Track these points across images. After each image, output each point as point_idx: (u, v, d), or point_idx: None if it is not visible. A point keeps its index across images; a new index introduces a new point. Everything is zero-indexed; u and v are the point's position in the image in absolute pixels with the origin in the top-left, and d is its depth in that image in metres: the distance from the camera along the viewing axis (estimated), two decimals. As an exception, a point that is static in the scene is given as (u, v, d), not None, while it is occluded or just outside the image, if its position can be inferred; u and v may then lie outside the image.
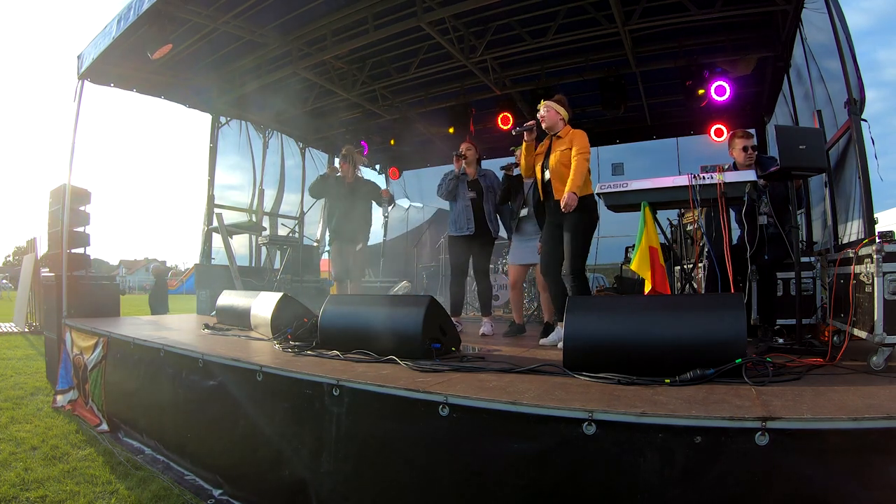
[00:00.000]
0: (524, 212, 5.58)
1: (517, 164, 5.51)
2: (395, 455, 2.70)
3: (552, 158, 4.57)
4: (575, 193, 4.30)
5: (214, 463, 3.73)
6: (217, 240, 9.30)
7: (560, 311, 4.59)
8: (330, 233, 6.83)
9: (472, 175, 5.93)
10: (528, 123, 4.83)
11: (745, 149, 4.89)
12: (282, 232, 10.79)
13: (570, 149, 4.45)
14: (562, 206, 4.32)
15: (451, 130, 9.61)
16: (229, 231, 8.85)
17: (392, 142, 10.72)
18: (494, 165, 6.34)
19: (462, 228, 5.87)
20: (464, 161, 5.89)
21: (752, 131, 8.08)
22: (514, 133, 5.04)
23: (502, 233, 6.23)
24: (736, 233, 5.08)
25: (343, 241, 6.66)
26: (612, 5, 6.63)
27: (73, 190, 7.50)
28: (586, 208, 4.44)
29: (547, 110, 4.64)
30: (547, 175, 4.64)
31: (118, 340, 5.08)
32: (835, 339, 3.67)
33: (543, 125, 4.69)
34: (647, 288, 3.95)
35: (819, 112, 5.19)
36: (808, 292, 4.33)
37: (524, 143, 4.86)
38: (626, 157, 10.51)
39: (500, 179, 5.97)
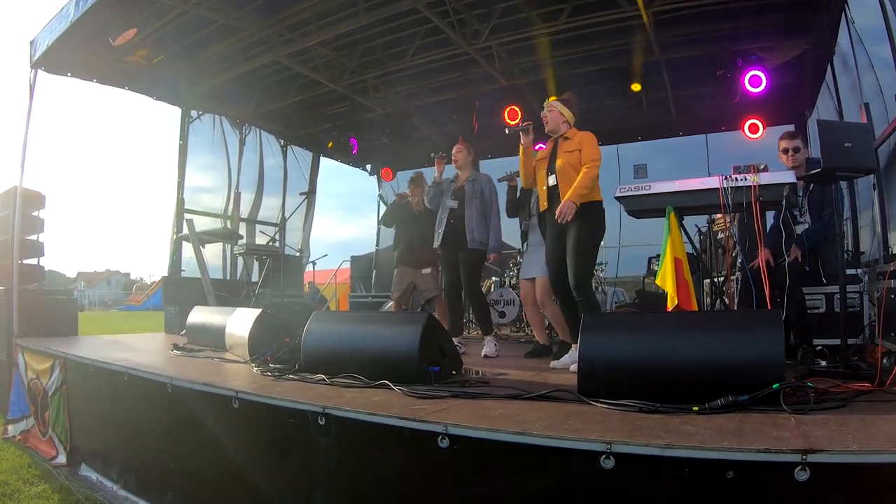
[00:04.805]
0: (530, 222, 5.63)
1: (517, 173, 5.57)
2: (389, 492, 2.71)
3: (559, 161, 4.60)
4: (574, 203, 4.33)
5: (184, 501, 3.73)
6: (187, 249, 9.30)
7: (573, 330, 4.60)
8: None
9: (462, 180, 5.99)
10: (525, 123, 4.87)
11: (785, 150, 4.89)
12: (260, 240, 10.82)
13: (580, 150, 4.49)
14: (556, 214, 4.38)
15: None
16: (201, 239, 8.85)
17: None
18: (500, 165, 6.38)
19: (436, 239, 5.99)
20: (446, 164, 5.95)
21: (792, 127, 8.10)
22: (507, 133, 5.09)
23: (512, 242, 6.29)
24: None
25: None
26: (633, -15, 6.69)
27: (25, 193, 7.52)
28: (591, 216, 4.46)
29: (550, 110, 4.69)
30: (552, 180, 4.67)
31: (77, 363, 5.09)
32: (884, 361, 3.66)
33: (546, 127, 4.73)
34: (671, 304, 3.95)
35: (867, 105, 5.21)
36: (855, 308, 4.34)
37: (521, 146, 4.90)
38: (649, 156, 10.54)
39: (506, 188, 6.03)
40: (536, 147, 5.07)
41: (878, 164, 4.99)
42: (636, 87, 8.51)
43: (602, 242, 4.72)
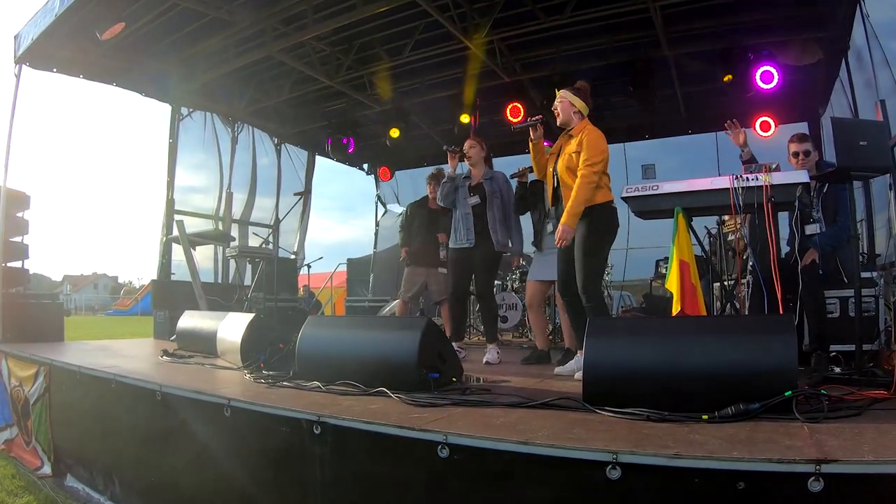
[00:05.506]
0: (549, 227, 5.57)
1: (531, 169, 5.53)
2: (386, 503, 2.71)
3: (560, 161, 4.58)
4: (569, 226, 4.35)
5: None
6: (177, 251, 9.30)
7: (580, 336, 4.59)
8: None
9: (478, 177, 5.92)
10: (533, 119, 4.82)
11: (795, 154, 4.90)
12: (253, 242, 10.80)
13: (579, 153, 4.41)
14: (555, 238, 4.41)
15: (465, 119, 9.59)
16: (192, 241, 8.85)
17: (395, 132, 10.58)
18: (502, 164, 6.35)
19: (461, 239, 5.83)
20: (464, 161, 5.88)
21: (806, 128, 8.10)
22: (513, 130, 5.06)
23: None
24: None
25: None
26: (640, -23, 6.70)
27: (10, 193, 7.54)
28: (597, 218, 4.42)
29: (560, 101, 4.61)
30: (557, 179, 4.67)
31: (62, 369, 5.09)
32: (901, 367, 3.66)
33: (557, 121, 4.67)
34: (675, 310, 3.94)
35: (882, 102, 5.22)
36: (870, 313, 4.33)
37: (531, 143, 4.84)
38: (657, 155, 10.51)
39: (515, 186, 6.00)
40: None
41: (893, 163, 5.00)
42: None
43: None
